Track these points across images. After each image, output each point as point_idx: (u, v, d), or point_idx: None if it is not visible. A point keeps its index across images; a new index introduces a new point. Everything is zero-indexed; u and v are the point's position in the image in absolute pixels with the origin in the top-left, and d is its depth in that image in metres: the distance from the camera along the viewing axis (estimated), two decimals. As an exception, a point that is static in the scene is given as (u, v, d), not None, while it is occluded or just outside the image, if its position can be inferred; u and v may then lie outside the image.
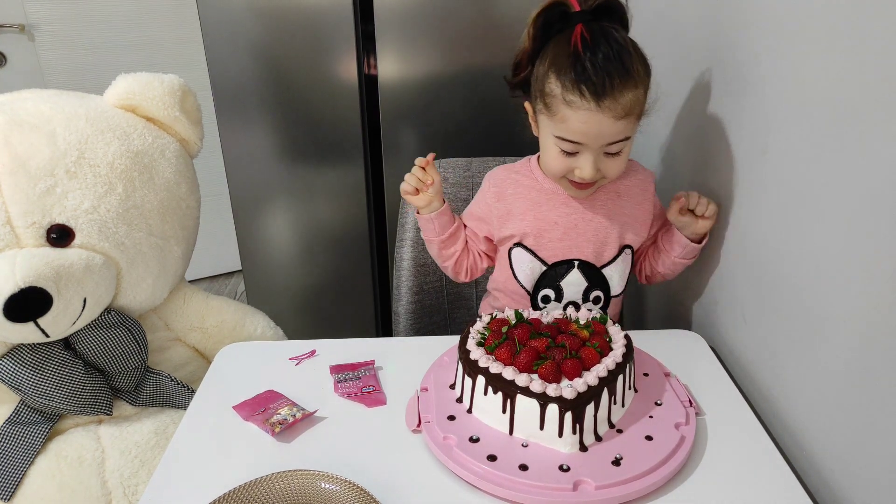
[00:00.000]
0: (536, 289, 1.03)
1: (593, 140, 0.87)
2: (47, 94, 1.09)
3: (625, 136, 0.88)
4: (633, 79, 0.85)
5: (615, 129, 0.86)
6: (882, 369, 0.66)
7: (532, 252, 1.01)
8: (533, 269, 1.02)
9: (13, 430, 1.03)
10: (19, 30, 2.09)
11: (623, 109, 0.85)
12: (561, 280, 1.01)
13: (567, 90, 0.84)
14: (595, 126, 0.85)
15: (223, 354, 1.01)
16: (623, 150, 0.90)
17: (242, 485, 0.71)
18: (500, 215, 1.01)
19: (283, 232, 1.83)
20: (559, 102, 0.86)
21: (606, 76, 0.83)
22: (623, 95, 0.84)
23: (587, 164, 0.89)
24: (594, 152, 0.89)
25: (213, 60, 1.61)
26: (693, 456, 0.77)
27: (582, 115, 0.85)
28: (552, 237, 1.00)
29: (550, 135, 0.90)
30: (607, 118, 0.84)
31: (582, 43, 0.84)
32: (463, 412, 0.81)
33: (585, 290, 1.02)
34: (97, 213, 1.02)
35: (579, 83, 0.83)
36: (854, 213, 0.70)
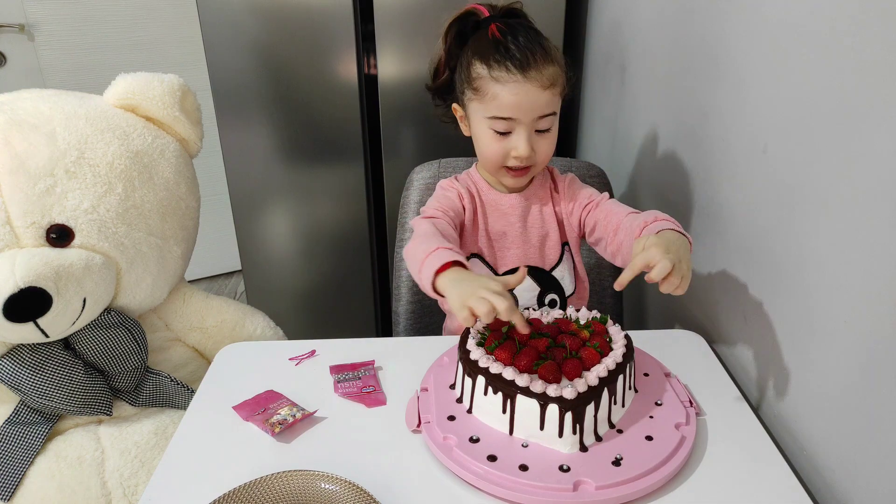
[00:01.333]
0: None
1: (524, 113, 0.92)
2: (47, 93, 1.09)
3: (552, 110, 0.93)
4: (551, 55, 0.92)
5: (543, 100, 0.91)
6: (882, 369, 0.66)
7: (486, 262, 1.05)
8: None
9: (13, 430, 1.03)
10: (19, 30, 2.09)
11: (548, 79, 0.91)
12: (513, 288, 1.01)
13: (493, 69, 0.91)
14: (524, 97, 0.90)
15: (223, 354, 1.01)
16: (552, 129, 0.95)
17: (242, 485, 0.71)
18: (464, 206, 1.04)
19: (283, 232, 1.83)
20: (487, 81, 0.91)
21: (528, 51, 0.90)
22: (546, 67, 0.91)
23: (521, 140, 0.93)
24: (526, 128, 0.93)
25: (213, 60, 1.61)
26: (693, 456, 0.76)
27: (511, 87, 0.90)
28: (502, 246, 1.04)
29: (483, 119, 0.94)
30: (534, 87, 0.90)
31: (500, 32, 0.92)
32: (463, 412, 0.81)
33: (539, 295, 1.05)
34: (97, 212, 1.02)
35: (504, 60, 0.90)
36: (855, 213, 0.70)
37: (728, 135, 0.98)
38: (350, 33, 1.61)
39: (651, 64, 1.32)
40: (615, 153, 1.56)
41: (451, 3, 1.59)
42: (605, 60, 1.62)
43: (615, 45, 1.53)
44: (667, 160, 1.24)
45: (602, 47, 1.64)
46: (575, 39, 1.81)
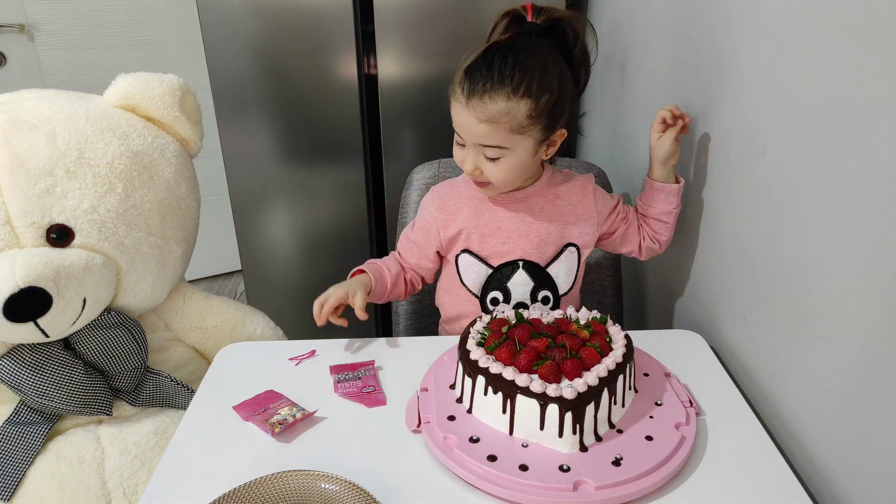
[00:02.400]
0: (484, 292, 1.06)
1: (466, 135, 0.93)
2: (47, 93, 1.09)
3: (496, 144, 0.92)
4: (506, 90, 0.88)
5: (480, 131, 0.91)
6: (882, 369, 0.66)
7: (477, 256, 1.05)
8: (479, 273, 1.05)
9: (13, 430, 1.03)
10: (19, 30, 2.09)
11: (486, 115, 0.89)
12: (507, 281, 1.04)
13: (457, 81, 0.92)
14: (463, 121, 0.92)
15: (223, 354, 1.01)
16: (502, 160, 0.93)
17: (242, 485, 0.71)
18: (443, 224, 1.05)
19: (283, 232, 1.83)
20: (452, 89, 0.93)
21: (487, 79, 0.88)
22: (493, 102, 0.88)
23: (467, 156, 0.95)
24: (472, 149, 0.94)
25: (213, 60, 1.61)
26: (693, 456, 0.76)
27: (457, 107, 0.92)
28: (496, 241, 1.04)
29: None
30: (471, 117, 0.90)
31: (493, 46, 0.91)
32: (463, 412, 0.81)
33: (533, 290, 1.05)
34: (97, 212, 1.02)
35: (464, 79, 0.90)
36: (855, 213, 0.70)
37: (727, 135, 0.98)
38: (350, 33, 1.61)
39: (651, 64, 1.32)
40: (615, 153, 1.56)
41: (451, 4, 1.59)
42: (605, 60, 1.62)
43: (615, 46, 1.53)
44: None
45: (602, 47, 1.64)
46: (575, 39, 1.80)
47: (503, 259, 1.04)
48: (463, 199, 1.05)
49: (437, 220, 1.05)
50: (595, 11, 1.68)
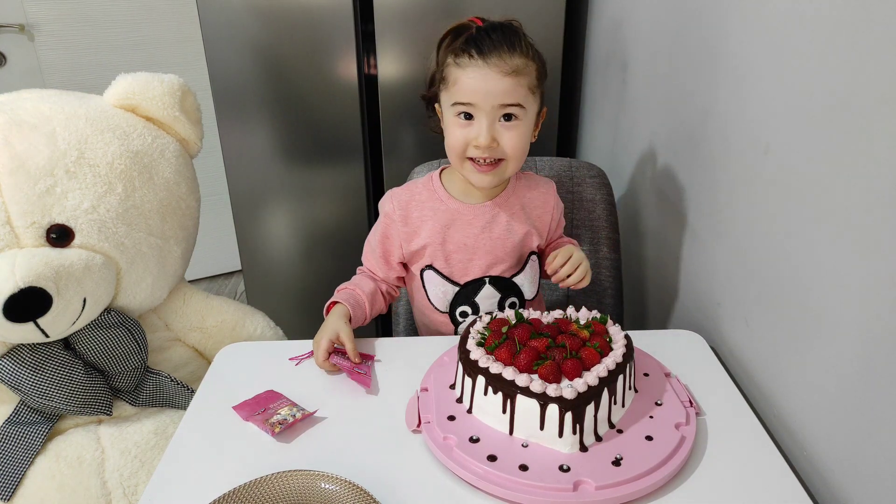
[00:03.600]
0: (452, 307, 1.06)
1: (483, 98, 0.91)
2: (47, 93, 1.09)
3: (516, 101, 0.92)
4: (519, 50, 0.91)
5: (503, 86, 0.90)
6: (883, 369, 0.66)
7: (442, 275, 1.04)
8: (445, 293, 1.04)
9: (13, 430, 1.03)
10: (19, 30, 2.09)
11: (510, 66, 0.90)
12: (475, 297, 1.04)
13: (458, 55, 0.92)
14: (482, 81, 0.90)
15: (223, 354, 1.01)
16: (521, 122, 0.93)
17: (242, 485, 0.71)
18: (406, 238, 1.03)
19: (283, 232, 1.83)
20: (452, 68, 0.93)
21: (492, 40, 0.91)
22: (510, 57, 0.90)
23: (482, 128, 0.92)
24: (487, 115, 0.91)
25: (213, 60, 1.61)
26: (693, 456, 0.76)
27: (470, 71, 0.91)
28: (461, 258, 1.02)
29: (448, 107, 0.95)
30: (494, 73, 0.90)
31: (476, 29, 0.93)
32: (463, 412, 0.81)
33: (500, 301, 1.05)
34: (97, 212, 1.02)
35: (469, 47, 0.91)
36: (856, 214, 0.70)
37: (729, 135, 0.98)
38: (350, 33, 1.61)
39: (651, 63, 1.32)
40: (615, 153, 1.56)
41: (451, 4, 1.59)
42: (605, 60, 1.62)
43: (615, 45, 1.53)
44: (667, 160, 1.24)
45: (602, 47, 1.64)
46: (575, 39, 1.81)
47: (469, 276, 1.03)
48: (426, 211, 1.02)
49: (399, 234, 1.03)
50: (595, 11, 1.68)
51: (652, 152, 1.31)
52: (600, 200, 1.29)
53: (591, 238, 1.31)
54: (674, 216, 1.20)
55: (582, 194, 1.30)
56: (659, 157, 1.28)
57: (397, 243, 1.04)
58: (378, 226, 1.06)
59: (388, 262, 1.06)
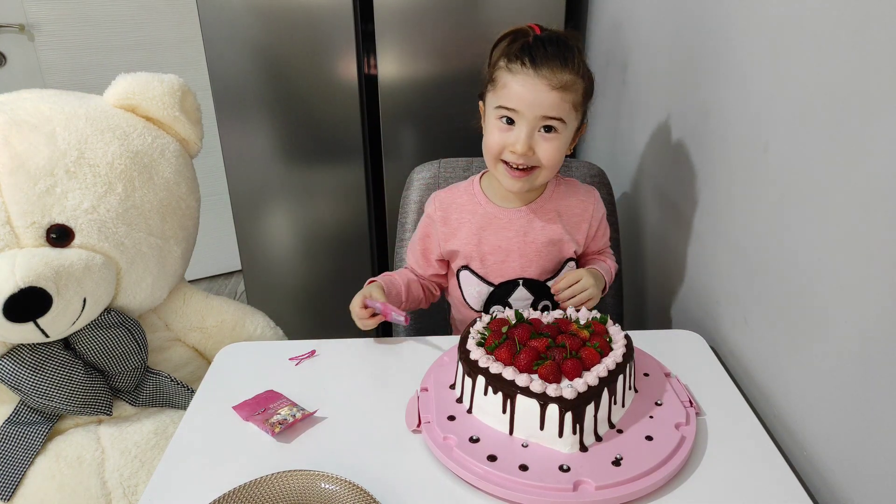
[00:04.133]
0: (486, 307, 1.08)
1: (528, 107, 0.92)
2: (47, 94, 1.09)
3: (559, 115, 0.93)
4: (571, 66, 0.93)
5: (549, 99, 0.92)
6: (882, 369, 0.66)
7: (478, 275, 1.06)
8: (480, 292, 1.07)
9: (13, 430, 1.03)
10: (19, 30, 2.09)
11: (558, 81, 0.92)
12: (508, 297, 1.06)
13: (511, 61, 0.93)
14: (531, 91, 0.92)
15: (223, 354, 1.01)
16: (559, 135, 0.95)
17: (242, 485, 0.71)
18: (444, 238, 1.06)
19: (283, 232, 1.83)
20: (503, 72, 0.94)
21: (548, 53, 0.92)
22: (561, 72, 0.92)
23: (521, 134, 0.94)
24: (529, 123, 0.93)
25: (213, 60, 1.61)
26: (693, 456, 0.76)
27: (519, 78, 0.92)
28: (496, 260, 1.05)
29: (493, 109, 0.96)
30: (542, 85, 0.91)
31: (534, 36, 0.94)
32: (463, 412, 0.81)
33: (533, 303, 1.07)
34: (97, 212, 1.02)
35: (523, 55, 0.92)
36: (856, 213, 0.70)
37: (729, 134, 0.98)
38: (350, 33, 1.61)
39: (651, 63, 1.32)
40: (615, 153, 1.56)
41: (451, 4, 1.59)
42: (605, 60, 1.62)
43: (615, 45, 1.53)
44: (667, 159, 1.24)
45: (602, 47, 1.64)
46: (575, 39, 1.80)
47: (503, 278, 1.06)
48: (465, 213, 1.06)
49: (438, 233, 1.07)
50: (595, 11, 1.68)
51: (652, 152, 1.31)
52: (600, 200, 1.29)
53: (591, 238, 1.30)
54: (673, 215, 1.20)
55: (582, 194, 1.30)
56: (658, 157, 1.28)
57: (436, 242, 1.08)
58: (420, 225, 1.11)
59: (427, 259, 1.10)
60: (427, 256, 1.10)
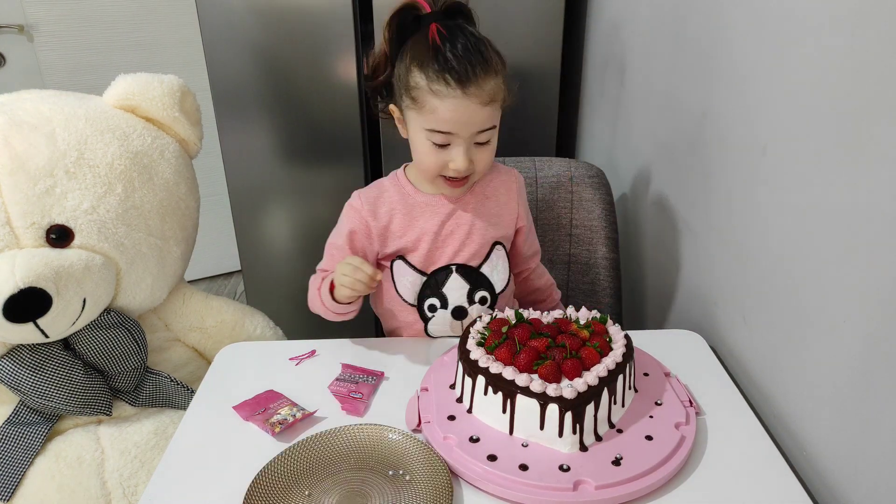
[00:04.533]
0: (420, 300, 1.03)
1: (463, 128, 0.90)
2: (47, 94, 1.09)
3: (491, 125, 0.92)
4: (492, 67, 0.89)
5: (482, 116, 0.89)
6: (882, 369, 0.66)
7: (410, 264, 1.02)
8: (413, 282, 1.02)
9: (13, 430, 1.02)
10: (18, 30, 2.09)
11: (488, 95, 0.88)
12: (442, 287, 1.02)
13: (432, 81, 0.87)
14: (463, 113, 0.88)
15: (223, 354, 1.01)
16: (491, 140, 0.94)
17: (321, 433, 0.79)
18: (377, 232, 1.02)
19: (283, 232, 1.83)
20: (426, 94, 0.89)
21: (468, 64, 0.87)
22: (486, 82, 0.88)
23: (460, 154, 0.91)
24: (465, 142, 0.91)
25: (213, 61, 1.61)
26: (693, 456, 0.77)
27: (449, 103, 0.88)
28: (427, 247, 1.02)
29: (421, 129, 0.92)
30: (474, 105, 0.88)
31: (440, 36, 0.88)
32: (463, 412, 0.81)
33: (469, 292, 1.03)
34: (96, 213, 1.02)
35: (443, 72, 0.87)
36: (854, 213, 0.70)
37: (728, 135, 0.98)
38: (350, 33, 1.61)
39: (650, 64, 1.32)
40: (614, 154, 1.56)
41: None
42: (604, 61, 1.62)
43: (614, 46, 1.53)
44: (666, 160, 1.24)
45: (601, 48, 1.64)
46: (574, 41, 1.81)
47: (436, 265, 1.02)
48: (394, 204, 1.02)
49: (368, 227, 1.02)
50: (594, 12, 1.68)
51: (650, 153, 1.31)
52: (599, 200, 1.29)
53: (589, 238, 1.31)
54: (672, 216, 1.20)
55: (581, 194, 1.30)
56: (657, 158, 1.28)
57: (364, 237, 1.02)
58: (343, 224, 1.04)
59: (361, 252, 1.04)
60: (354, 254, 1.02)
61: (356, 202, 1.03)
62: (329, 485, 0.74)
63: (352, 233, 1.02)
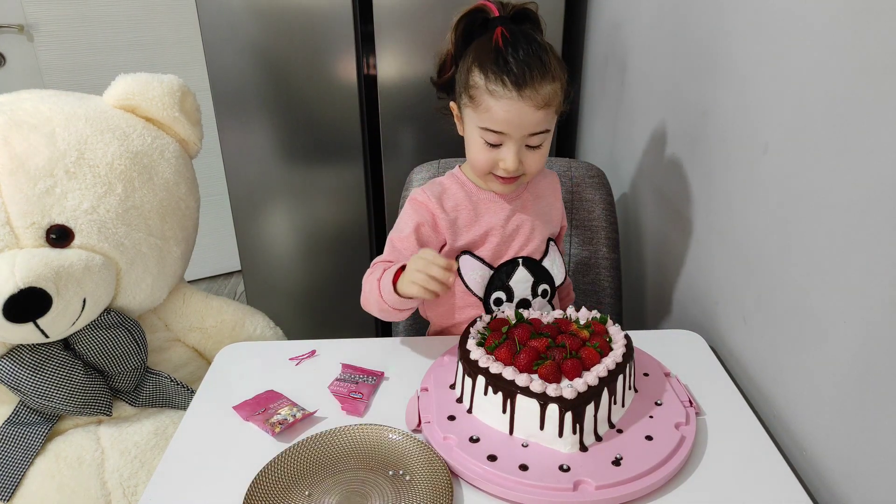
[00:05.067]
0: (487, 293, 1.04)
1: (515, 129, 0.91)
2: (47, 94, 1.09)
3: (545, 128, 0.93)
4: (550, 73, 0.90)
5: (535, 119, 0.91)
6: (882, 369, 0.66)
7: (478, 258, 1.04)
8: (483, 276, 1.04)
9: (13, 430, 1.03)
10: (18, 30, 2.09)
11: (542, 100, 0.90)
12: (509, 280, 1.04)
13: (490, 81, 0.90)
14: (517, 115, 0.90)
15: (223, 354, 1.01)
16: (543, 144, 0.95)
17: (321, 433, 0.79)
18: (447, 225, 1.01)
19: (283, 232, 1.83)
20: (483, 93, 0.91)
21: (526, 68, 0.89)
22: (542, 87, 0.89)
23: (510, 154, 0.93)
24: (516, 143, 0.92)
25: (212, 60, 1.61)
26: (693, 456, 0.76)
27: (504, 103, 0.89)
28: (494, 241, 1.03)
29: (475, 127, 0.94)
30: (528, 107, 0.89)
31: (503, 40, 0.90)
32: (463, 412, 0.81)
33: (533, 286, 1.05)
34: (97, 213, 1.02)
35: (501, 74, 0.89)
36: (855, 213, 0.70)
37: (728, 135, 0.98)
38: (350, 34, 1.61)
39: (651, 64, 1.32)
40: (615, 153, 1.56)
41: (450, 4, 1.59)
42: (604, 60, 1.62)
43: (615, 45, 1.53)
44: (667, 160, 1.24)
45: (602, 47, 1.64)
46: (574, 39, 1.81)
47: (502, 258, 1.04)
48: (459, 200, 1.03)
49: (436, 221, 1.02)
50: (594, 11, 1.68)
51: (651, 152, 1.31)
52: (599, 200, 1.29)
53: (590, 238, 1.31)
54: (672, 216, 1.20)
55: (581, 194, 1.30)
56: (658, 158, 1.28)
57: (431, 230, 1.01)
58: (407, 217, 1.02)
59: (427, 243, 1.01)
60: (423, 247, 0.98)
61: (421, 196, 1.03)
62: (329, 485, 0.74)
63: (419, 226, 1.00)
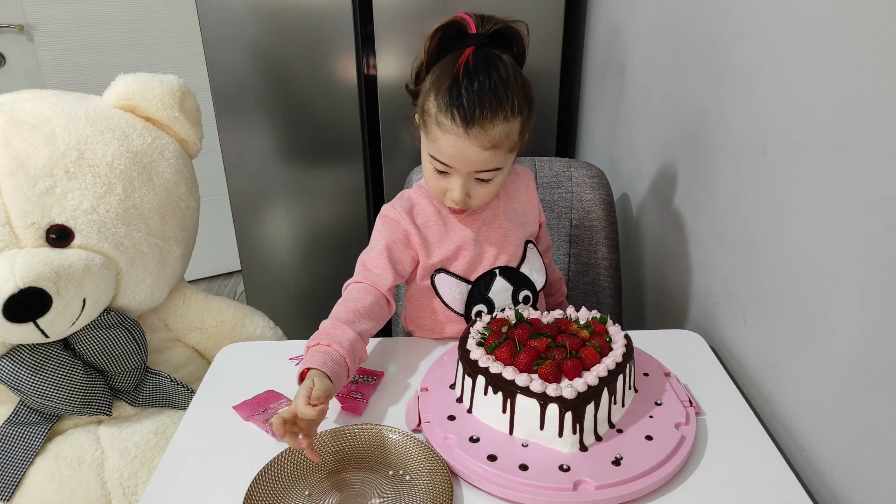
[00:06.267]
0: (467, 308, 1.02)
1: (460, 165, 0.88)
2: (47, 94, 1.10)
3: (494, 167, 0.89)
4: (504, 111, 0.85)
5: (481, 158, 0.87)
6: (882, 370, 0.66)
7: (454, 275, 1.00)
8: (461, 292, 1.00)
9: (13, 430, 1.02)
10: (18, 30, 2.09)
11: (490, 141, 0.85)
12: (488, 292, 1.01)
13: (441, 112, 0.86)
14: (461, 151, 0.86)
15: (223, 354, 1.01)
16: (494, 179, 0.91)
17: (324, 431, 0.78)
18: (420, 241, 0.99)
19: (283, 232, 1.83)
20: (432, 122, 0.87)
21: (478, 105, 0.84)
22: (493, 127, 0.84)
23: (456, 186, 0.90)
24: (463, 177, 0.89)
25: (212, 60, 1.61)
26: (693, 456, 0.77)
27: (450, 138, 0.86)
28: (468, 255, 1.00)
29: (426, 152, 0.91)
30: (473, 146, 0.85)
31: (464, 67, 0.85)
32: (463, 412, 0.81)
33: (513, 294, 1.02)
34: (96, 213, 1.02)
35: (451, 107, 0.84)
36: (854, 214, 0.70)
37: (728, 136, 0.98)
38: (349, 34, 1.61)
39: (650, 64, 1.32)
40: (615, 154, 1.56)
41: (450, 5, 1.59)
42: (604, 61, 1.62)
43: (614, 46, 1.54)
44: (666, 161, 1.24)
45: (601, 48, 1.64)
46: (574, 41, 1.81)
47: (478, 271, 1.01)
48: (430, 217, 1.00)
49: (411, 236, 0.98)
50: (594, 12, 1.68)
51: (650, 153, 1.31)
52: (599, 201, 1.29)
53: (589, 238, 1.31)
54: (672, 216, 1.20)
55: (581, 194, 1.30)
56: (657, 158, 1.28)
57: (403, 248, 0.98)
58: (381, 235, 0.99)
59: (395, 269, 0.97)
60: (395, 266, 0.97)
61: (392, 213, 0.99)
62: (329, 485, 0.74)
63: (389, 245, 0.97)
